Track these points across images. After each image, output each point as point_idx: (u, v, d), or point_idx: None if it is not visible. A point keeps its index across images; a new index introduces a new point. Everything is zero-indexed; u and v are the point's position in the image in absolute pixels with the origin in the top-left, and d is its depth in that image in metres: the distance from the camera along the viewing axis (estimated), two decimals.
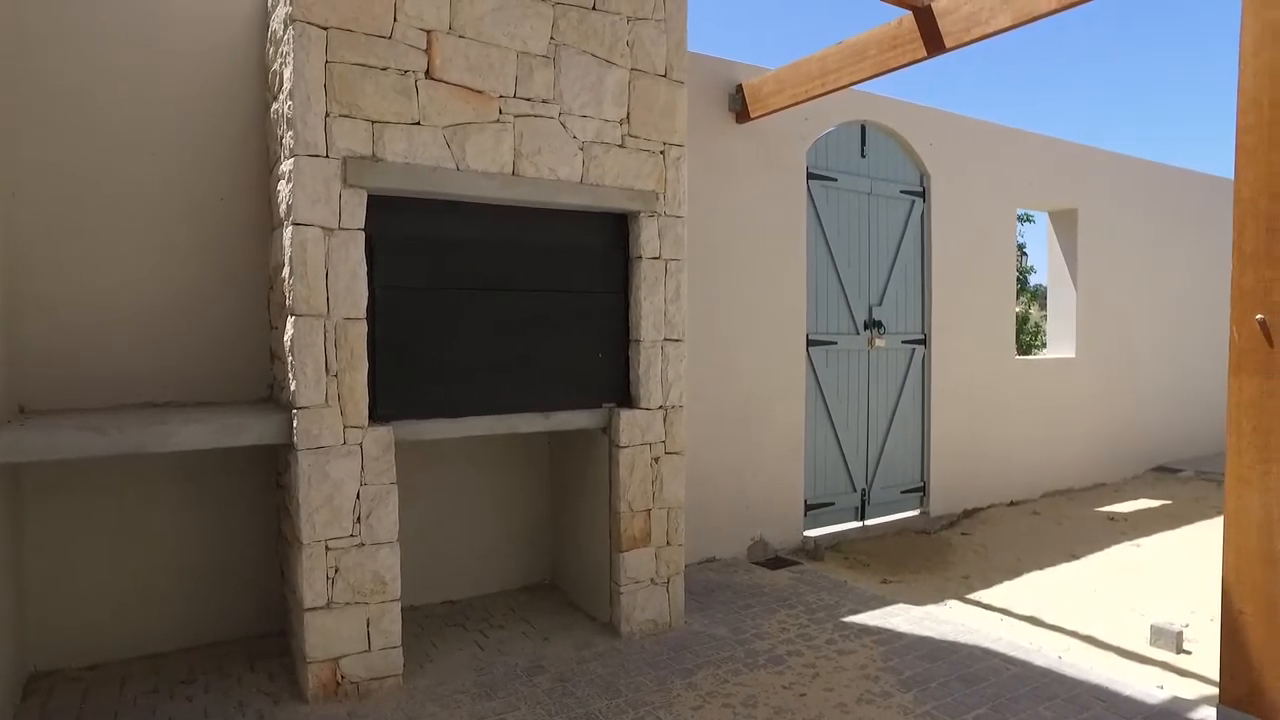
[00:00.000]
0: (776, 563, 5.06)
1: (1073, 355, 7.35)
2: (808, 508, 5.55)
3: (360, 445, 3.05)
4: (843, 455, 5.76)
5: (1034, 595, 4.54)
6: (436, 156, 3.16)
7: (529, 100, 3.38)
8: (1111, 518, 6.31)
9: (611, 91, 3.62)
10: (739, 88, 4.98)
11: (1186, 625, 4.01)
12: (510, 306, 3.46)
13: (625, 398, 3.81)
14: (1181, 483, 7.69)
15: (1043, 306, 12.05)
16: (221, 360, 3.66)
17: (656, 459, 3.83)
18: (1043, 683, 3.24)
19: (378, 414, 3.14)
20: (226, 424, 2.96)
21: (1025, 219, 13.15)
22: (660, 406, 3.82)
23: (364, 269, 3.04)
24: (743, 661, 3.45)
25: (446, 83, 3.17)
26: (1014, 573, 4.92)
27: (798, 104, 4.69)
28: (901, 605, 4.18)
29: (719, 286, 5.03)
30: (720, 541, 5.07)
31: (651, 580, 3.82)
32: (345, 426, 3.01)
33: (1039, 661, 3.44)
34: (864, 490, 5.88)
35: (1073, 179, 7.28)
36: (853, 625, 3.88)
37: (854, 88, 4.64)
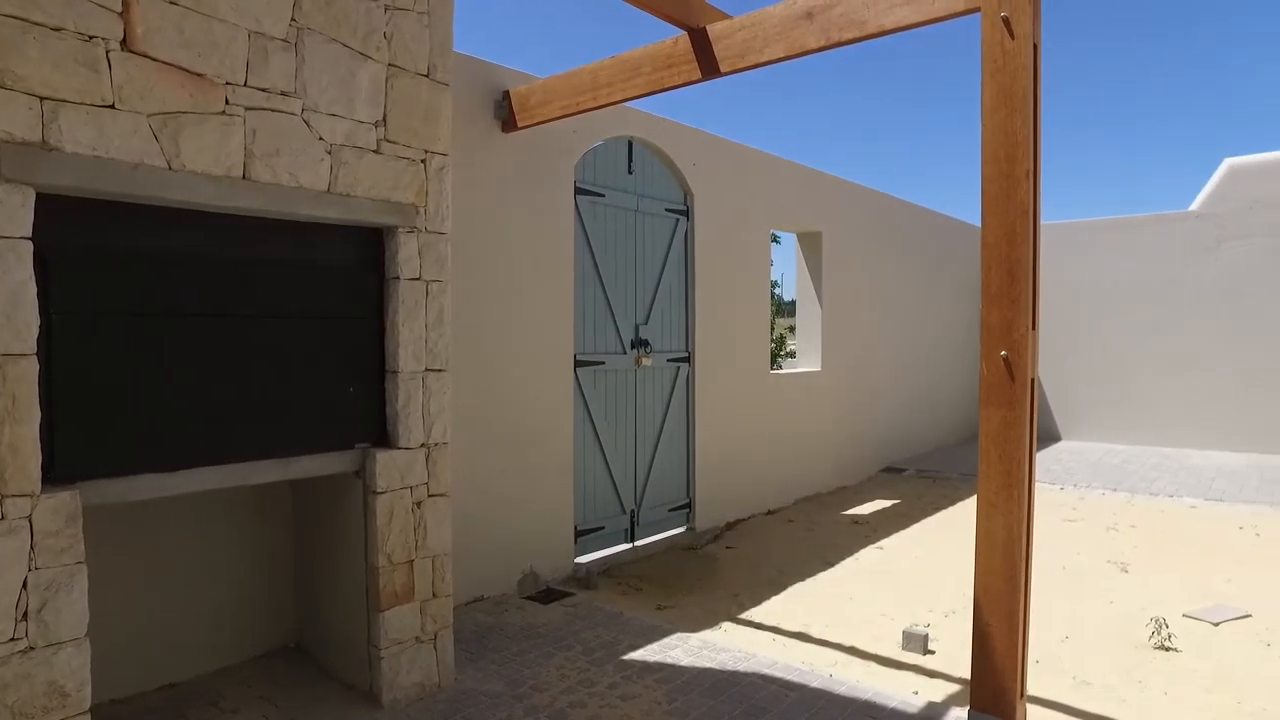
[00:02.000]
0: (549, 595, 4.82)
1: (819, 369, 7.89)
2: (578, 534, 5.37)
3: (28, 519, 2.34)
4: (612, 478, 5.66)
5: (800, 608, 4.71)
6: (140, 150, 2.54)
7: (264, 91, 2.84)
8: (855, 521, 6.82)
9: (366, 89, 3.17)
10: (506, 95, 4.68)
11: (929, 625, 4.34)
12: (241, 335, 2.89)
13: (382, 437, 3.36)
14: (906, 481, 8.56)
15: (787, 316, 12.97)
16: None
17: (419, 503, 3.42)
18: (819, 705, 3.29)
19: (57, 474, 2.45)
20: None
21: (773, 239, 14.10)
22: (422, 445, 3.42)
23: (31, 290, 2.34)
24: None
25: (153, 59, 2.56)
26: (779, 586, 5.09)
27: (568, 116, 4.49)
28: (679, 635, 4.12)
29: (484, 308, 4.69)
30: (489, 578, 4.73)
31: (417, 639, 3.40)
32: (1, 496, 2.30)
33: (814, 683, 3.51)
34: (633, 511, 5.82)
35: (819, 204, 7.82)
36: (634, 664, 3.74)
37: (620, 104, 4.53)
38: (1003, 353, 2.90)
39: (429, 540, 3.45)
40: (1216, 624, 4.43)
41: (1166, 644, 4.09)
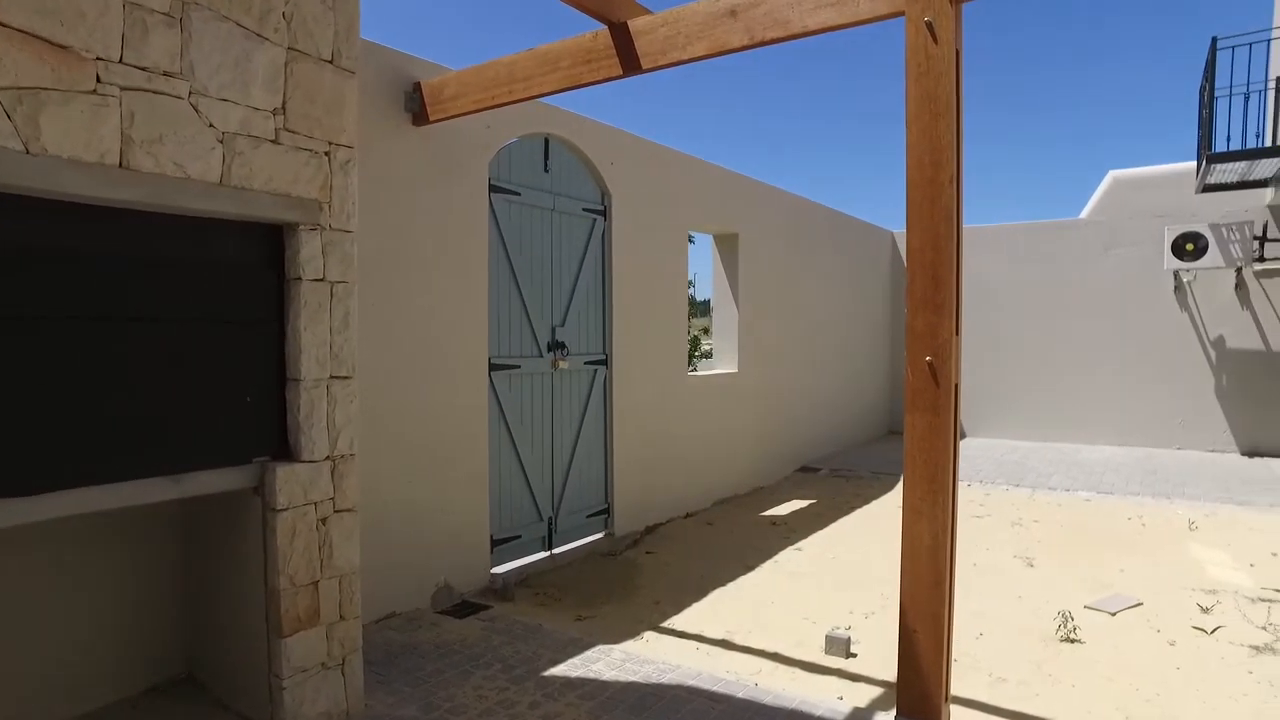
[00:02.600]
0: (464, 609, 4.62)
1: (736, 370, 7.91)
2: (494, 543, 5.18)
3: None
4: (528, 484, 5.49)
5: (722, 614, 4.66)
6: None
7: (144, 70, 2.57)
8: (774, 522, 6.85)
9: (262, 73, 2.92)
10: (417, 86, 4.45)
11: (850, 628, 4.36)
12: (124, 340, 2.61)
13: (283, 449, 3.11)
14: (821, 480, 8.69)
15: (700, 316, 13.03)
16: None
17: (324, 519, 3.19)
18: (746, 717, 3.23)
19: None
20: None
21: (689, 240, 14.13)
22: (327, 457, 3.19)
23: None
24: None
25: (3, 25, 2.26)
26: (700, 591, 5.03)
27: (483, 110, 4.31)
28: (601, 647, 4.00)
29: (393, 310, 4.45)
30: (401, 593, 4.50)
31: (323, 665, 3.17)
32: None
33: (740, 694, 3.45)
34: (551, 519, 5.67)
35: (736, 206, 7.84)
36: (555, 680, 3.60)
37: (537, 99, 4.38)
38: (928, 358, 2.90)
39: (335, 559, 3.21)
40: (1114, 614, 4.61)
41: (1072, 636, 4.23)
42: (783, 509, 7.37)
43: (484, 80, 4.16)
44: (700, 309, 13.14)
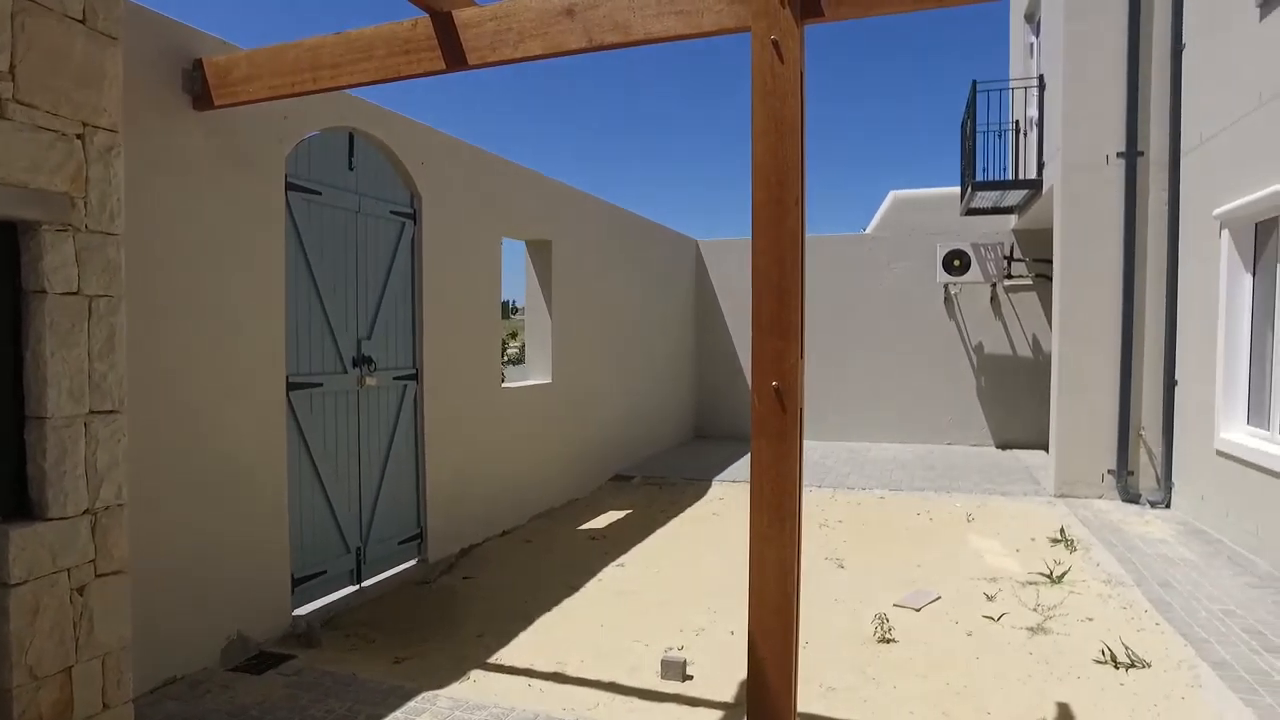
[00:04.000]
0: (263, 662, 4.06)
1: (550, 380, 7.70)
2: (296, 582, 4.61)
3: None
4: (334, 514, 4.95)
5: (551, 643, 4.43)
6: None
7: None
8: (593, 536, 6.71)
9: None
10: (199, 64, 3.83)
11: (682, 648, 4.30)
12: None
13: (21, 506, 2.51)
14: (635, 489, 8.68)
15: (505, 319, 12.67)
16: None
17: (82, 587, 2.61)
18: None
19: None
20: None
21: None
22: (86, 511, 2.62)
23: None
24: None
25: None
26: (525, 618, 4.77)
27: (280, 98, 3.78)
28: (425, 695, 3.64)
29: (171, 326, 3.79)
30: (183, 652, 3.85)
31: None
32: None
33: None
34: (359, 549, 5.16)
35: (551, 212, 7.62)
36: None
37: (347, 90, 3.93)
38: (774, 384, 2.86)
39: (98, 634, 2.64)
40: (919, 609, 4.92)
41: (887, 636, 4.44)
42: (600, 521, 7.26)
43: (282, 64, 3.65)
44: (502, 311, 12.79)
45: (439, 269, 5.88)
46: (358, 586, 5.11)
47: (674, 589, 5.36)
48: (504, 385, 6.95)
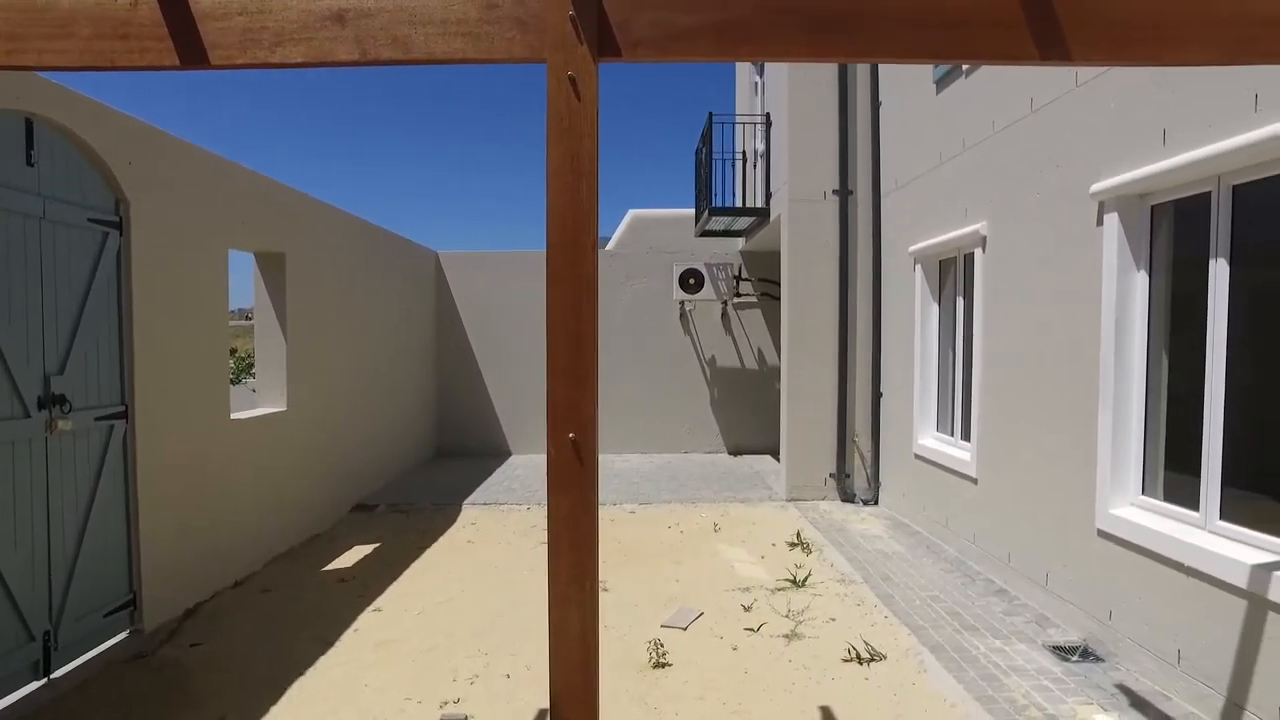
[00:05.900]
0: None
1: (284, 408, 6.93)
2: None
3: None
4: (10, 596, 4.00)
5: (313, 717, 3.95)
6: None
7: None
8: (341, 578, 6.14)
9: None
10: None
11: (459, 701, 4.05)
12: None
13: None
14: (380, 519, 8.11)
15: None
16: None
17: None
18: None
19: None
20: None
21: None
22: None
23: None
24: None
25: None
26: (276, 687, 4.21)
27: None
28: None
29: None
30: None
31: None
32: None
33: None
34: (48, 633, 4.22)
35: (284, 222, 6.87)
36: None
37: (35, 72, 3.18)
38: (570, 435, 2.76)
39: None
40: (685, 628, 5.10)
41: (662, 660, 4.54)
42: (348, 559, 6.67)
43: None
44: None
45: (152, 287, 5.03)
46: (46, 680, 4.18)
47: (439, 632, 5.05)
48: (233, 417, 6.12)
